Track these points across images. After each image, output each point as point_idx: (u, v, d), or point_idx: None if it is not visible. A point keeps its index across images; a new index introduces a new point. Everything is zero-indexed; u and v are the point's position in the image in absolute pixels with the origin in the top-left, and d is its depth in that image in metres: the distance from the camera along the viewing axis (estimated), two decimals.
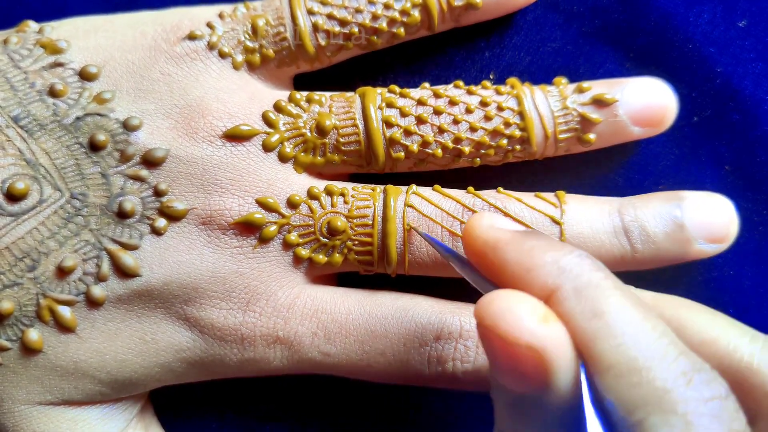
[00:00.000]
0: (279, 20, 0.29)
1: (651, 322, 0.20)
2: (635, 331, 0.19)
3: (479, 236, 0.23)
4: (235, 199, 0.27)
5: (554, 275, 0.21)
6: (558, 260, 0.21)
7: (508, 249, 0.22)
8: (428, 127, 0.28)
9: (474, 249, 0.23)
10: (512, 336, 0.19)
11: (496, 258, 0.22)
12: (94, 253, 0.27)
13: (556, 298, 0.20)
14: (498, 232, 0.23)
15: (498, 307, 0.20)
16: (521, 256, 0.21)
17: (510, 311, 0.20)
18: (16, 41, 0.28)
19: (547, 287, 0.21)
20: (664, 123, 0.29)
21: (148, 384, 0.28)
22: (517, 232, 0.22)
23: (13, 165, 0.26)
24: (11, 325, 0.26)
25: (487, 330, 0.20)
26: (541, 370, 0.19)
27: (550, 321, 0.20)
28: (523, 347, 0.19)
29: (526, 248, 0.22)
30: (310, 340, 0.28)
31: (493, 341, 0.20)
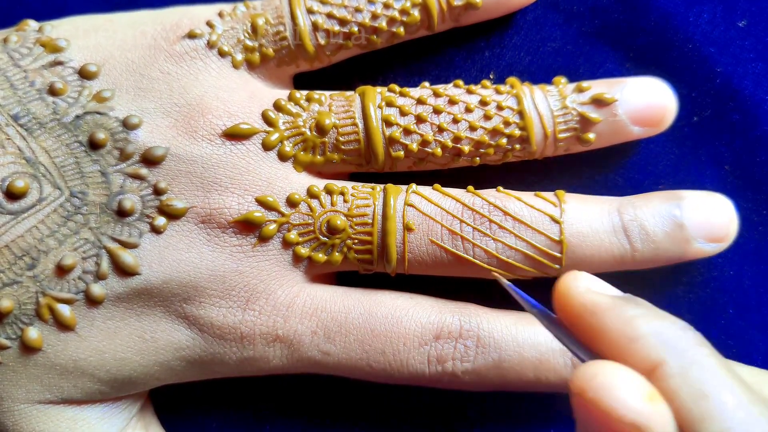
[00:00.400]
0: (278, 19, 0.29)
1: (758, 406, 0.19)
2: (743, 416, 0.19)
3: (576, 298, 0.22)
4: (235, 198, 0.27)
5: (658, 349, 0.20)
6: (662, 332, 0.20)
7: (607, 315, 0.21)
8: (428, 126, 0.28)
9: (569, 311, 0.22)
10: (617, 413, 0.19)
11: (595, 323, 0.21)
12: (93, 252, 0.27)
13: (659, 374, 0.20)
14: (597, 297, 0.22)
15: (603, 380, 0.19)
16: (623, 325, 0.21)
17: (616, 387, 0.19)
18: (15, 40, 0.28)
19: (650, 361, 0.20)
20: (664, 123, 0.29)
21: (147, 383, 0.28)
22: (617, 298, 0.22)
23: (12, 163, 0.27)
24: (10, 324, 0.26)
25: (588, 402, 0.19)
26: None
27: (656, 400, 0.19)
28: (627, 425, 0.19)
29: (628, 316, 0.21)
30: (309, 338, 0.28)
31: (592, 414, 0.19)
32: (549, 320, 0.23)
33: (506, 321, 0.28)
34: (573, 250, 0.27)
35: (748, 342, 0.31)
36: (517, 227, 0.27)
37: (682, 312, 0.31)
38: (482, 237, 0.27)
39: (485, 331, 0.27)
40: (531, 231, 0.27)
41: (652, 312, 0.21)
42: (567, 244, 0.27)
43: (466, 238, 0.27)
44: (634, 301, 0.22)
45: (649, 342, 0.20)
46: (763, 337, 0.31)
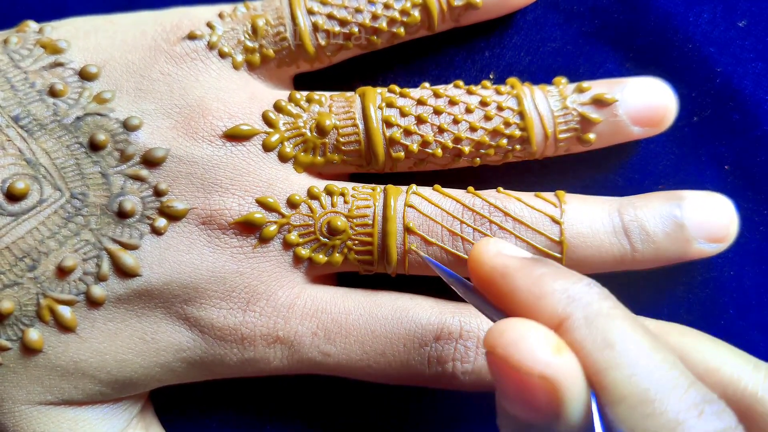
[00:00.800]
0: (279, 20, 0.29)
1: (662, 353, 0.20)
2: (647, 362, 0.19)
3: (486, 263, 0.23)
4: (235, 199, 0.27)
5: (564, 303, 0.21)
6: (568, 288, 0.21)
7: (517, 276, 0.22)
8: (428, 127, 0.28)
9: (481, 275, 0.23)
10: (525, 366, 0.19)
11: (504, 285, 0.22)
12: (94, 253, 0.27)
13: (566, 327, 0.20)
14: (506, 259, 0.22)
15: (510, 336, 0.20)
16: (530, 284, 0.21)
17: (523, 341, 0.20)
18: (16, 41, 0.28)
19: (557, 315, 0.21)
20: (664, 123, 0.29)
21: (148, 384, 0.28)
22: (525, 259, 0.22)
23: (13, 165, 0.27)
24: (11, 325, 0.26)
25: (498, 359, 0.20)
26: (552, 400, 0.20)
27: (563, 351, 0.20)
28: (535, 377, 0.19)
29: (535, 275, 0.22)
30: (310, 339, 0.28)
31: (503, 370, 0.20)
32: (465, 287, 0.24)
33: None
34: (573, 250, 0.27)
35: (748, 342, 0.31)
36: (517, 228, 0.27)
37: (682, 312, 0.31)
38: (482, 238, 0.27)
39: (485, 332, 0.27)
40: (531, 232, 0.27)
41: (560, 270, 0.22)
42: (567, 245, 0.27)
43: (466, 239, 0.27)
44: (542, 261, 0.22)
45: (555, 298, 0.21)
46: (763, 337, 0.31)
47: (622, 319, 0.20)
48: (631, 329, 0.20)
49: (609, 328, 0.20)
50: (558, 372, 0.19)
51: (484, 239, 0.24)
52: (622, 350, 0.20)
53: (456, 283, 0.24)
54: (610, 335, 0.20)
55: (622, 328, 0.20)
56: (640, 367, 0.19)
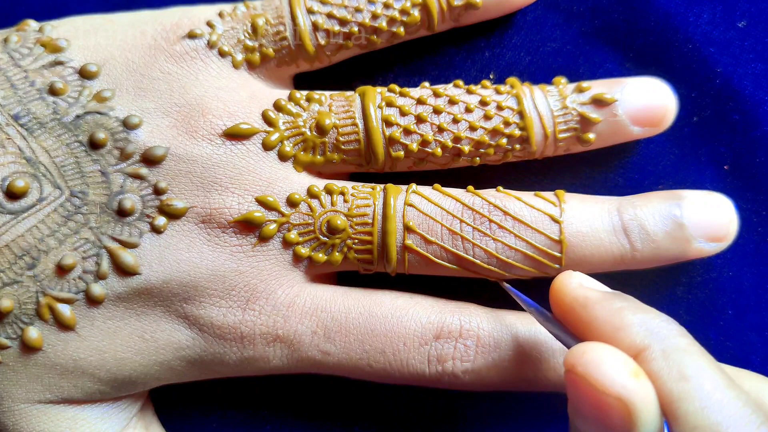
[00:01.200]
0: (279, 19, 0.29)
1: (735, 390, 0.21)
2: (720, 397, 0.20)
3: (569, 294, 0.24)
4: (235, 198, 0.27)
5: (643, 336, 0.22)
6: (646, 322, 0.22)
7: (597, 307, 0.23)
8: (428, 126, 0.28)
9: (563, 305, 0.24)
10: (604, 386, 0.20)
11: (585, 315, 0.23)
12: (93, 251, 0.27)
13: (643, 357, 0.21)
14: (587, 291, 0.24)
15: (591, 357, 0.21)
16: (611, 315, 0.22)
17: (603, 362, 0.21)
18: (16, 40, 0.28)
19: (635, 346, 0.22)
20: (664, 123, 0.29)
21: (147, 383, 0.28)
22: (606, 292, 0.24)
23: (13, 163, 0.27)
24: (11, 323, 0.26)
25: (577, 377, 0.21)
26: (626, 422, 0.20)
27: (640, 377, 0.21)
28: (612, 398, 0.20)
29: (615, 308, 0.23)
30: (309, 338, 0.28)
31: (581, 388, 0.21)
32: (545, 317, 0.25)
33: (507, 320, 0.28)
34: (573, 249, 0.27)
35: (746, 343, 0.31)
36: (517, 227, 0.27)
37: (681, 312, 0.31)
38: (482, 237, 0.27)
39: (485, 331, 0.27)
40: (531, 231, 0.27)
41: (638, 305, 0.23)
42: (567, 244, 0.27)
43: (466, 237, 0.27)
44: (621, 296, 0.24)
45: (634, 330, 0.22)
46: (761, 338, 0.31)
47: (698, 355, 0.21)
48: (707, 365, 0.21)
49: (685, 362, 0.21)
50: (634, 395, 0.20)
51: (567, 271, 0.25)
52: (697, 384, 0.20)
53: (536, 313, 0.26)
54: (686, 369, 0.21)
55: (698, 363, 0.21)
56: (713, 401, 0.20)
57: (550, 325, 0.25)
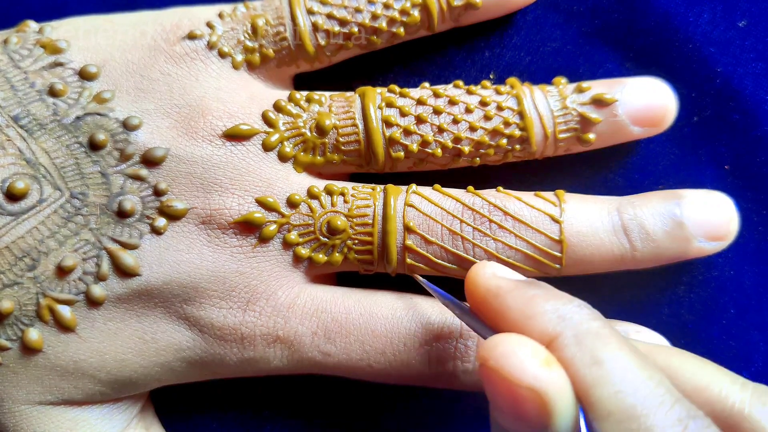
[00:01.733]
0: (279, 20, 0.29)
1: (648, 370, 0.20)
2: (633, 379, 0.20)
3: (481, 284, 0.24)
4: (235, 199, 0.27)
5: (554, 323, 0.21)
6: (558, 308, 0.22)
7: (509, 297, 0.23)
8: (428, 127, 0.28)
9: (476, 296, 0.24)
10: (515, 378, 0.20)
11: (497, 305, 0.23)
12: (93, 253, 0.27)
13: (556, 345, 0.21)
14: (500, 281, 0.23)
15: (502, 349, 0.21)
16: (523, 304, 0.22)
17: (514, 354, 0.20)
18: (16, 41, 0.28)
19: (547, 334, 0.21)
20: (664, 123, 0.29)
21: (148, 384, 0.28)
22: (518, 281, 0.23)
23: (13, 164, 0.27)
24: (11, 325, 0.26)
25: (490, 371, 0.21)
26: (541, 412, 0.20)
27: (552, 365, 0.20)
28: (525, 389, 0.20)
29: (527, 296, 0.22)
30: (310, 339, 0.28)
31: (495, 382, 0.21)
32: (461, 309, 0.25)
33: None
34: (573, 249, 0.27)
35: (748, 342, 0.31)
36: (517, 227, 0.27)
37: (683, 312, 0.31)
38: (482, 237, 0.27)
39: None
40: (531, 231, 0.27)
41: (551, 292, 0.23)
42: (567, 244, 0.27)
43: (466, 237, 0.27)
44: (535, 283, 0.23)
45: (546, 317, 0.22)
46: (763, 337, 0.31)
47: (610, 338, 0.21)
48: (619, 348, 0.21)
49: (597, 346, 0.21)
50: (546, 384, 0.20)
51: (480, 262, 0.25)
52: (610, 368, 0.20)
53: (450, 304, 0.25)
54: (598, 353, 0.20)
55: (610, 346, 0.21)
56: (626, 384, 0.20)
57: (466, 318, 0.25)
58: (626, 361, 0.20)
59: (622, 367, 0.20)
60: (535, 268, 0.27)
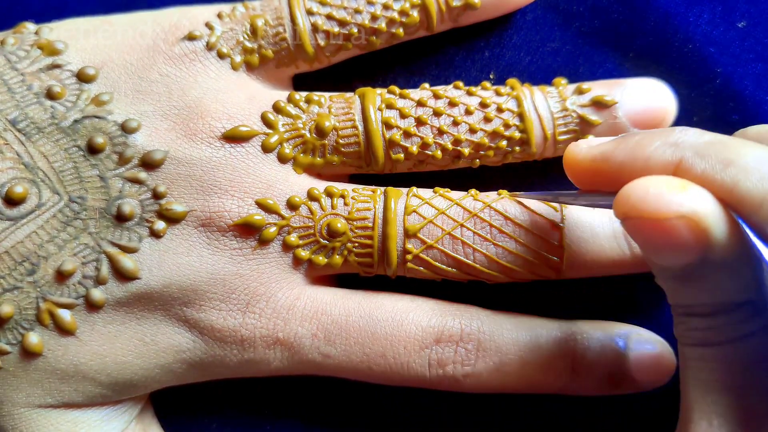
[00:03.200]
0: (278, 20, 0.29)
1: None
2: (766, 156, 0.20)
3: (586, 158, 0.24)
4: (235, 201, 0.27)
5: (671, 152, 0.21)
6: (667, 138, 0.22)
7: (617, 154, 0.23)
8: (428, 129, 0.28)
9: (585, 171, 0.24)
10: (662, 213, 0.20)
11: (611, 168, 0.23)
12: (93, 257, 0.27)
13: (683, 169, 0.21)
14: (600, 147, 0.24)
15: (637, 195, 0.21)
16: (633, 153, 0.22)
17: (650, 193, 0.20)
18: (13, 42, 0.28)
19: (670, 164, 0.21)
20: (664, 125, 0.29)
21: (148, 385, 0.28)
22: (615, 139, 0.23)
23: (11, 169, 0.26)
24: (11, 329, 0.26)
25: (636, 222, 0.21)
26: (699, 233, 0.20)
27: (688, 187, 0.20)
28: (675, 219, 0.20)
29: (633, 145, 0.22)
30: (310, 341, 0.28)
31: (645, 228, 0.21)
32: (573, 196, 0.25)
33: (507, 324, 0.28)
34: (573, 255, 0.27)
35: None
36: (517, 232, 0.27)
37: None
38: (482, 241, 0.27)
39: (486, 335, 0.27)
40: (531, 236, 0.27)
41: (651, 133, 0.23)
42: (567, 250, 0.27)
43: (466, 242, 0.27)
44: (629, 135, 0.23)
45: (660, 152, 0.22)
46: None
47: (728, 140, 0.21)
48: (741, 144, 0.21)
49: (721, 150, 0.21)
50: (692, 204, 0.20)
51: (570, 145, 0.25)
52: (743, 162, 0.20)
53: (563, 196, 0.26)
54: (726, 155, 0.21)
55: (732, 146, 0.21)
56: (765, 167, 0.20)
57: (584, 199, 0.25)
58: (755, 150, 0.20)
59: (753, 156, 0.20)
60: (535, 273, 0.27)
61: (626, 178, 0.22)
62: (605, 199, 0.24)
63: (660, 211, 0.20)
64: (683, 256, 0.21)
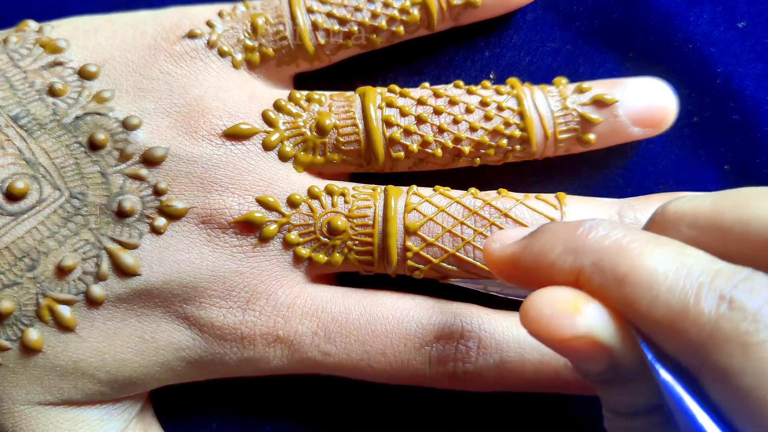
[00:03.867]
0: (278, 19, 0.29)
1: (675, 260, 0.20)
2: (663, 279, 0.19)
3: (498, 261, 0.23)
4: (235, 198, 0.27)
5: (570, 261, 0.21)
6: (568, 244, 0.21)
7: (524, 258, 0.22)
8: (428, 127, 0.28)
9: (501, 272, 0.23)
10: (558, 335, 0.20)
11: (520, 272, 0.23)
12: (93, 253, 0.27)
13: (582, 279, 0.21)
14: (509, 249, 0.23)
15: (533, 315, 0.20)
16: (538, 260, 0.22)
17: (545, 314, 0.20)
18: (15, 40, 0.28)
19: (571, 274, 0.21)
20: (664, 124, 0.29)
21: (148, 383, 0.28)
22: (524, 240, 0.23)
23: (12, 164, 0.26)
24: (11, 325, 0.26)
25: (536, 336, 0.21)
26: (599, 349, 0.20)
27: (580, 307, 0.20)
28: (571, 340, 0.20)
29: (537, 251, 0.22)
30: (310, 339, 0.28)
31: (546, 342, 0.21)
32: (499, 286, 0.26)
33: (508, 322, 0.28)
34: None
35: None
36: None
37: None
38: (483, 239, 0.27)
39: (486, 332, 0.27)
40: None
41: (557, 232, 0.22)
42: None
43: (466, 240, 0.27)
44: (540, 231, 0.22)
45: (560, 261, 0.21)
46: None
47: (625, 249, 0.20)
48: (638, 254, 0.20)
49: (616, 264, 0.20)
50: (587, 325, 0.20)
51: (488, 239, 0.24)
52: (635, 281, 0.20)
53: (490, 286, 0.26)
54: (619, 271, 0.20)
55: (626, 258, 0.20)
56: (657, 288, 0.19)
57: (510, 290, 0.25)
58: (649, 265, 0.20)
59: (646, 272, 0.19)
60: None
61: (535, 281, 0.22)
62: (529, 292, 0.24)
63: (556, 333, 0.20)
64: (590, 366, 0.21)
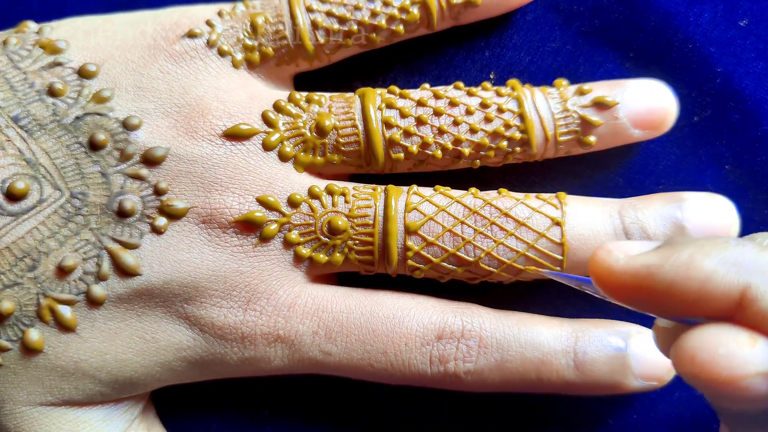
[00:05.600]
0: (278, 18, 0.29)
1: None
2: None
3: (626, 271, 0.20)
4: (236, 198, 0.27)
5: (733, 275, 0.19)
6: (726, 257, 0.19)
7: (666, 271, 0.19)
8: (428, 129, 0.28)
9: (623, 286, 0.20)
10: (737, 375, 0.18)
11: (657, 286, 0.20)
12: (94, 253, 0.27)
13: (747, 300, 0.19)
14: (643, 258, 0.20)
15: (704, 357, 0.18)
16: (687, 272, 0.19)
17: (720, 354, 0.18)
18: (15, 42, 0.28)
19: (734, 291, 0.19)
20: (665, 125, 0.29)
21: (149, 384, 0.28)
22: (660, 250, 0.20)
23: (13, 165, 0.26)
24: (11, 326, 0.26)
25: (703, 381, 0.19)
26: None
27: (758, 340, 0.18)
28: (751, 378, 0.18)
29: (685, 262, 0.19)
30: (311, 339, 0.28)
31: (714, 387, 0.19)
32: None
33: (509, 321, 0.28)
34: (574, 252, 0.27)
35: None
36: (518, 229, 0.27)
37: None
38: (483, 239, 0.27)
39: (488, 332, 0.27)
40: (532, 233, 0.27)
41: (703, 243, 0.20)
42: (568, 247, 0.27)
43: (467, 239, 0.27)
44: (678, 243, 0.20)
45: (720, 275, 0.19)
46: None
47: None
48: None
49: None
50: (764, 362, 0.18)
51: (599, 251, 0.21)
52: None
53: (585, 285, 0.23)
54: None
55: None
56: None
57: None
58: None
59: None
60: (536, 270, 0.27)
61: (677, 301, 0.19)
62: None
63: (734, 373, 0.18)
64: (756, 405, 0.19)
